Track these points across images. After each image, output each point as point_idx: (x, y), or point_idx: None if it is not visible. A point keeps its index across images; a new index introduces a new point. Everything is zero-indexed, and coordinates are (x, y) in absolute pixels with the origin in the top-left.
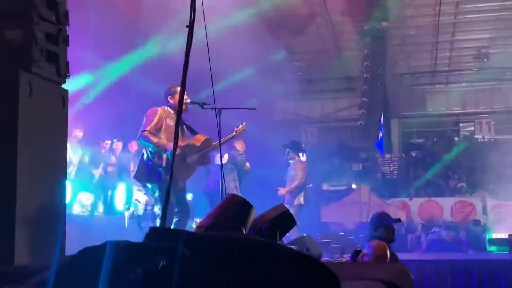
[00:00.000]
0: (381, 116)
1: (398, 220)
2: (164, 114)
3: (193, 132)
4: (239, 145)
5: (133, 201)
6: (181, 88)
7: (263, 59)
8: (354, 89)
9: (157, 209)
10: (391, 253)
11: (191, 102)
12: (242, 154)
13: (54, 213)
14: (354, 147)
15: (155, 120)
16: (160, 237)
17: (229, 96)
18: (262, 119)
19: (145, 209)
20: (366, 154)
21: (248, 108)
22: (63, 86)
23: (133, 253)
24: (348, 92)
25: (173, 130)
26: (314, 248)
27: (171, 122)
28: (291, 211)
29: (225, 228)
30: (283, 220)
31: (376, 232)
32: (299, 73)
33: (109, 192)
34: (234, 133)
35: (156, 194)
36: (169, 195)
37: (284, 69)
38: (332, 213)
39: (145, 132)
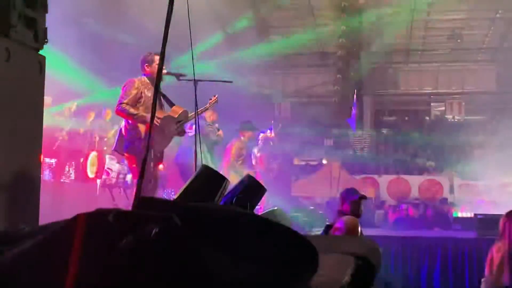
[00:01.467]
0: (354, 93)
1: (364, 197)
2: (142, 85)
3: (171, 103)
4: (208, 115)
5: (105, 169)
6: (160, 57)
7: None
8: (328, 65)
9: (130, 179)
10: None
11: (167, 73)
12: (209, 124)
13: (28, 181)
14: (327, 123)
15: (134, 92)
16: (150, 207)
17: (205, 68)
18: (237, 92)
19: (117, 178)
20: (338, 130)
21: (224, 81)
22: (41, 52)
23: (123, 221)
24: (323, 68)
25: (152, 101)
26: (285, 222)
27: (149, 93)
28: None
29: (199, 200)
30: (252, 189)
31: (343, 206)
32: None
33: (81, 160)
34: (207, 105)
35: (134, 164)
36: (145, 167)
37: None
38: (303, 188)
39: (124, 104)
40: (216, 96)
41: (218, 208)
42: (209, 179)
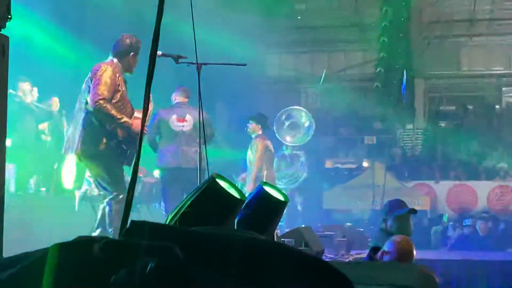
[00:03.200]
0: (403, 76)
1: (413, 211)
2: (119, 75)
3: None
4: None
5: (86, 177)
6: (154, 38)
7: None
8: (369, 40)
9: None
10: None
11: (163, 55)
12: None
13: None
14: (368, 115)
15: (111, 83)
16: (146, 233)
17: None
18: (252, 77)
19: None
20: (382, 124)
21: (236, 64)
22: (3, 32)
23: (113, 252)
24: (362, 44)
25: (125, 97)
26: (314, 243)
27: (124, 87)
28: None
29: (205, 222)
30: (268, 203)
31: (386, 224)
32: (300, 17)
33: (55, 166)
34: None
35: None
36: (135, 180)
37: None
38: (338, 198)
39: (104, 100)
40: None
41: (228, 234)
42: (220, 195)
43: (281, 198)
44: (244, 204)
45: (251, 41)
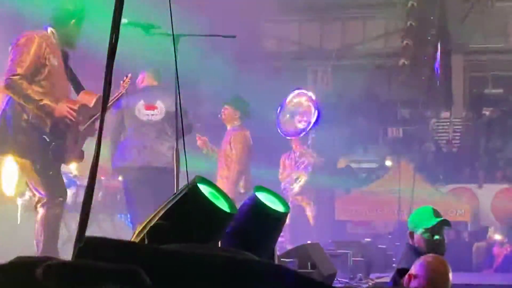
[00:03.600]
0: (436, 50)
1: (446, 223)
2: (47, 47)
3: (76, 82)
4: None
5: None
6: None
7: None
8: (394, 4)
9: (33, 195)
10: None
11: (130, 23)
12: None
13: None
14: (392, 100)
15: (32, 57)
16: (103, 253)
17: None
18: (246, 51)
19: None
20: (410, 111)
21: (223, 36)
22: None
23: (61, 279)
24: (385, 10)
25: (58, 75)
26: (323, 263)
27: (56, 62)
28: None
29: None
30: (262, 214)
31: (413, 239)
32: None
33: None
34: (121, 89)
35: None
36: (94, 183)
37: None
38: (354, 207)
39: (17, 77)
40: (129, 77)
41: (208, 255)
42: (203, 205)
43: (280, 208)
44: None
45: (243, 7)
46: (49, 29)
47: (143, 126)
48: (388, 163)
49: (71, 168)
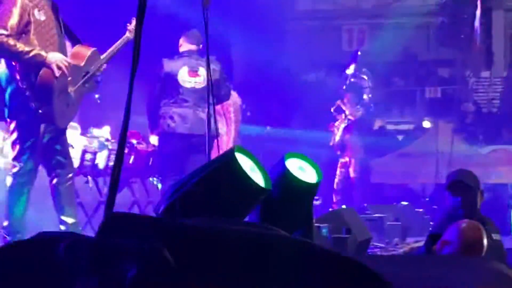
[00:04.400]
0: (476, 7)
1: (479, 192)
2: (28, 2)
3: (72, 37)
4: None
5: None
6: None
7: None
8: None
9: (14, 166)
10: (492, 239)
11: None
12: None
13: None
14: (430, 59)
15: (16, 14)
16: (125, 231)
17: None
18: (276, 11)
19: None
20: (449, 71)
21: None
22: None
23: (83, 255)
24: None
25: (48, 29)
26: (358, 228)
27: (42, 16)
28: None
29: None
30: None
31: (448, 202)
32: None
33: None
34: (127, 33)
35: (15, 134)
36: (122, 159)
37: None
38: (390, 170)
39: (3, 36)
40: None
41: (240, 230)
42: (239, 178)
43: (313, 177)
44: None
45: None
46: None
47: (186, 93)
48: (425, 124)
49: (103, 131)
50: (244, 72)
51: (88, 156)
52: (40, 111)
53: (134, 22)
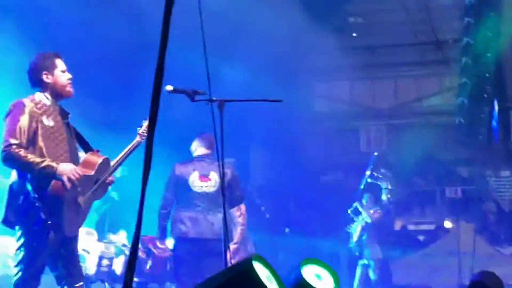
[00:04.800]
0: (493, 108)
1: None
2: (37, 110)
3: (83, 142)
4: None
5: None
6: (158, 62)
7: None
8: (447, 62)
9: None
10: None
11: (174, 90)
12: None
13: None
14: (449, 159)
15: (26, 121)
16: None
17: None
18: (293, 113)
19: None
20: (468, 171)
21: (269, 101)
22: None
23: None
24: (438, 66)
25: (57, 135)
26: None
27: (51, 122)
28: None
29: None
30: None
31: None
32: (355, 35)
33: None
34: (138, 137)
35: (22, 241)
36: (135, 260)
37: (330, 29)
38: (412, 270)
39: (12, 147)
40: (146, 123)
41: None
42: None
43: (329, 286)
44: None
45: (291, 67)
46: (36, 93)
47: (197, 197)
48: (447, 224)
49: (120, 237)
50: (262, 175)
51: (105, 262)
52: (49, 222)
53: (144, 125)
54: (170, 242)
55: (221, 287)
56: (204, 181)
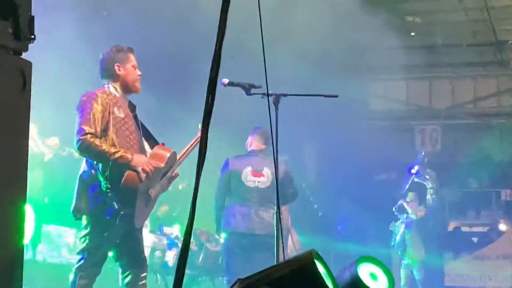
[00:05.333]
0: None
1: None
2: (109, 101)
3: (149, 137)
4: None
5: None
6: (215, 53)
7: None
8: (505, 63)
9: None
10: None
11: (230, 84)
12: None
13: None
14: (506, 161)
15: (97, 112)
16: None
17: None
18: (351, 112)
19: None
20: None
21: (325, 96)
22: (24, 55)
23: None
24: (496, 68)
25: (127, 127)
26: None
27: (122, 113)
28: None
29: None
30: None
31: None
32: (413, 34)
33: None
34: (199, 133)
35: (88, 229)
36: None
37: (388, 28)
38: (465, 273)
39: (87, 135)
40: None
41: None
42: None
43: (384, 284)
44: None
45: (347, 64)
46: (106, 85)
47: (249, 192)
48: (502, 226)
49: (173, 229)
50: (315, 172)
51: (157, 254)
52: (122, 212)
53: None
54: (221, 236)
55: (282, 278)
56: (257, 177)
